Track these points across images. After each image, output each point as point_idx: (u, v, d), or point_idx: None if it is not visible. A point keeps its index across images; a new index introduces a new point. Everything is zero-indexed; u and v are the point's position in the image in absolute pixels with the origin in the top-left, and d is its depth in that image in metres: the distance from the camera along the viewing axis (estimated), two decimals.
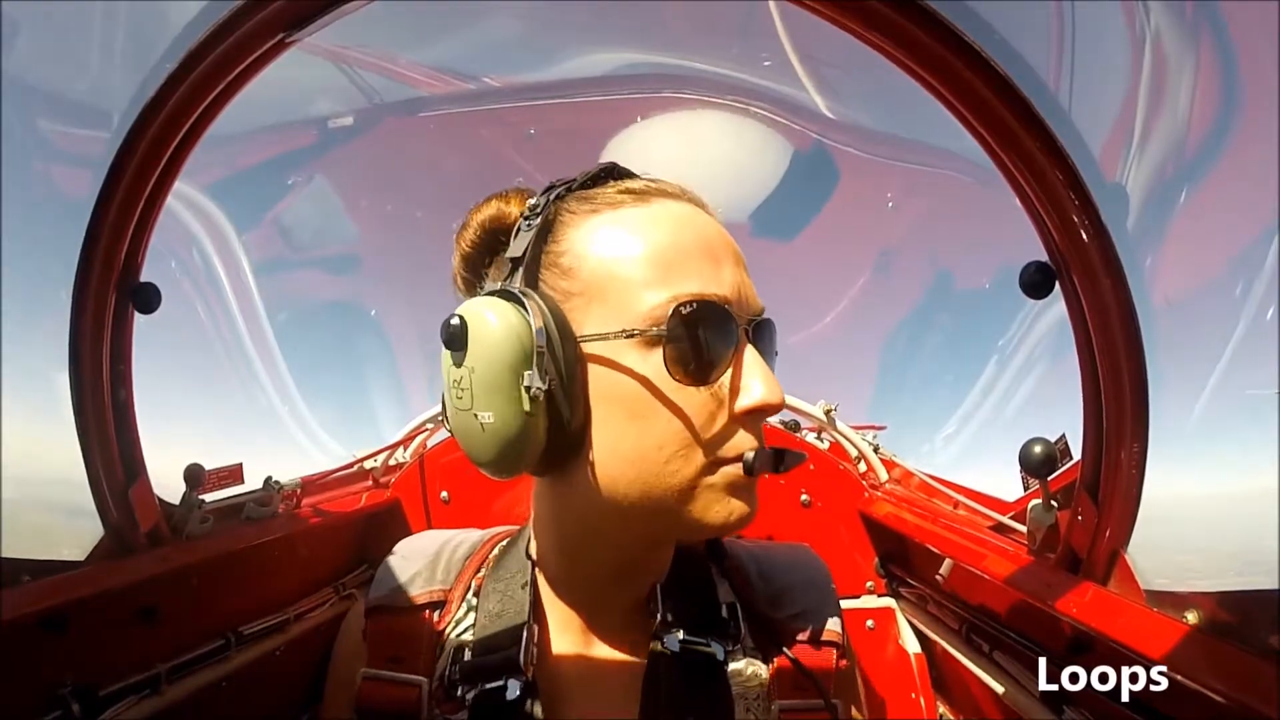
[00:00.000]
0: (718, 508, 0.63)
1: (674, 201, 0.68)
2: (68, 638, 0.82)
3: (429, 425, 1.68)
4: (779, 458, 0.64)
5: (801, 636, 0.77)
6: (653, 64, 1.91)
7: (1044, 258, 0.83)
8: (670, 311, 0.60)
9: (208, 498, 1.09)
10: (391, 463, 1.59)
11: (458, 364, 0.63)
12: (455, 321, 0.63)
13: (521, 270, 0.66)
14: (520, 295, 0.63)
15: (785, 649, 0.76)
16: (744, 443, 0.63)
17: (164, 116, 0.84)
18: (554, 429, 0.62)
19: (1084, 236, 0.77)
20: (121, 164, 0.86)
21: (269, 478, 1.26)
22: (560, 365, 0.61)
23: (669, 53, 1.89)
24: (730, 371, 0.62)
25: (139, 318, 0.94)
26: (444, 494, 1.47)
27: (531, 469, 0.66)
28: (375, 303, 2.48)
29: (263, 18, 0.76)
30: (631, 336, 0.61)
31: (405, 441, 1.66)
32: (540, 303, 0.62)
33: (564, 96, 1.97)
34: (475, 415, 0.62)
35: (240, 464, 1.19)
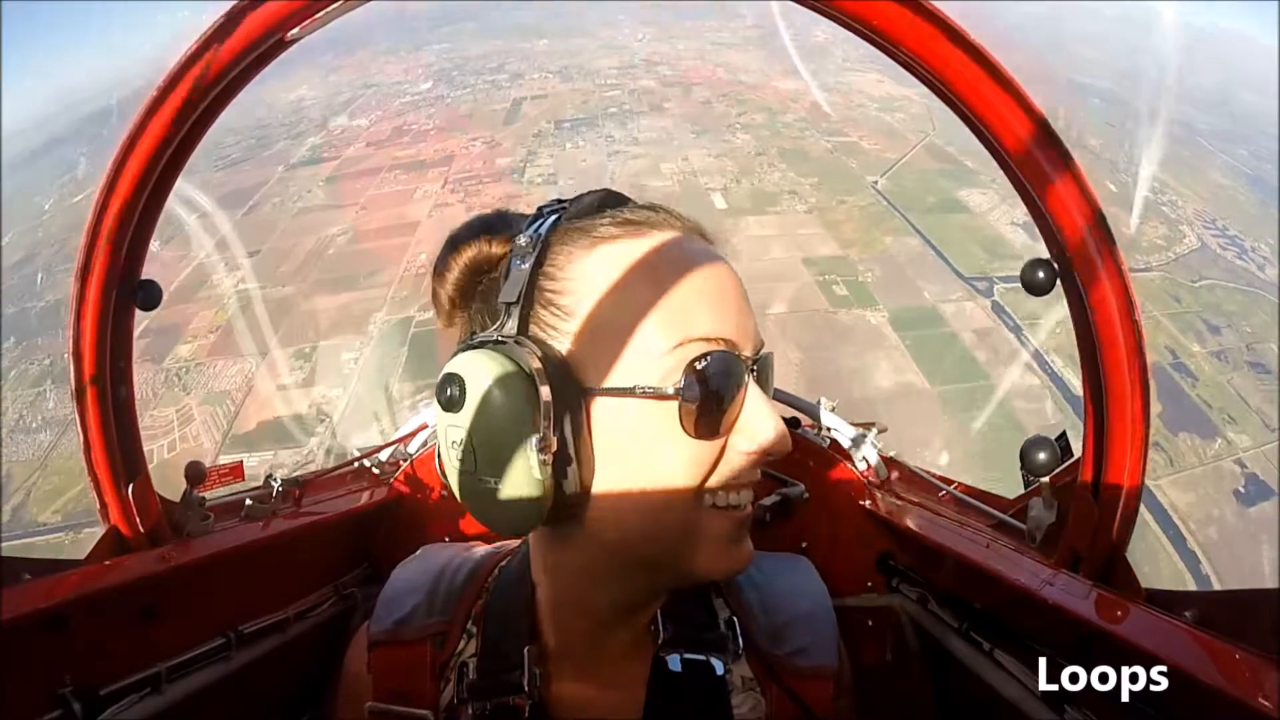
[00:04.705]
0: (719, 560, 0.64)
1: (674, 234, 0.66)
2: (68, 637, 0.82)
3: (429, 423, 1.67)
4: (786, 506, 0.65)
5: (801, 673, 0.77)
6: None
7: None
8: (683, 367, 0.59)
9: (208, 495, 1.09)
10: (392, 460, 1.59)
11: (456, 424, 0.60)
12: (452, 381, 0.59)
13: (516, 314, 0.62)
14: (519, 346, 0.59)
15: (785, 685, 0.76)
16: (745, 481, 0.63)
17: (165, 115, 0.83)
18: (558, 485, 0.60)
19: (1086, 235, 0.76)
20: (122, 163, 0.86)
21: (269, 475, 1.26)
22: (566, 421, 0.59)
23: None
24: (737, 414, 0.61)
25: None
26: (444, 492, 1.47)
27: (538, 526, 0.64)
28: None
29: (263, 16, 0.76)
30: (643, 394, 0.59)
31: (406, 439, 1.66)
32: (542, 354, 0.59)
33: None
34: (481, 480, 0.60)
35: (240, 462, 1.19)
